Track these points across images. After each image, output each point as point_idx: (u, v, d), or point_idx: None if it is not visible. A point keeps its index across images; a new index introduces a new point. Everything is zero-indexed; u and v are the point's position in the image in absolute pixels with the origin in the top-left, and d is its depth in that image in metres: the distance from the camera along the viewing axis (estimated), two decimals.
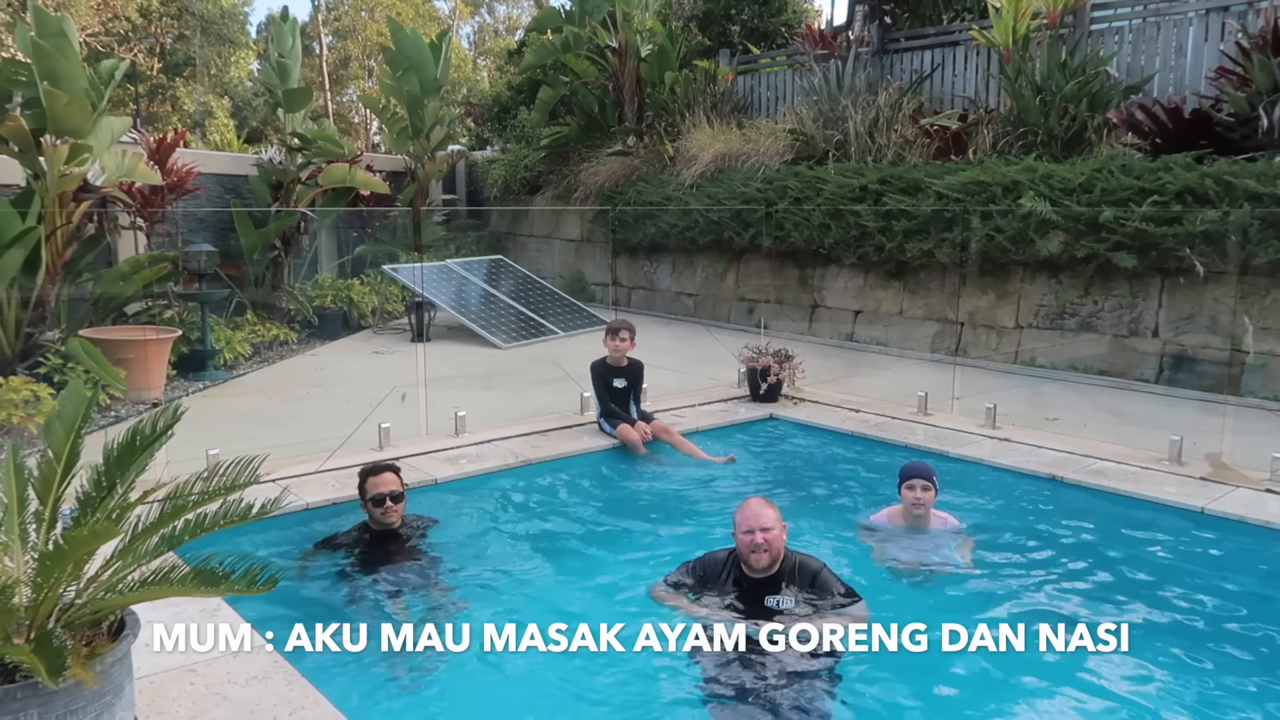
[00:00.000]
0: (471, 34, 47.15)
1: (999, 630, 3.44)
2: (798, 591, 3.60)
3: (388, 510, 4.40)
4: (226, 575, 2.43)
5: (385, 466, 4.54)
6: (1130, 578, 4.31)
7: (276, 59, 11.40)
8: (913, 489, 4.52)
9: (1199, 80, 8.79)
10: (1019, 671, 3.53)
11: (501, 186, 14.87)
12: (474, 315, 10.97)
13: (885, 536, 4.60)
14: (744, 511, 3.62)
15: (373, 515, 4.43)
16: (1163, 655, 3.64)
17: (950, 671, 3.50)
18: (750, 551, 3.57)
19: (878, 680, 3.43)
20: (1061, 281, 8.58)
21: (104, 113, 7.63)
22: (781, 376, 7.30)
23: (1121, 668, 3.55)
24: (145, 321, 8.66)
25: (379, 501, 4.39)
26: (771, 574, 3.61)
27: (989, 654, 3.53)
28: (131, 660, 2.65)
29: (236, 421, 7.02)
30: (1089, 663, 3.57)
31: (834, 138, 10.62)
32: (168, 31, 30.22)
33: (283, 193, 11.15)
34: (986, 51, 10.26)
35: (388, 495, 4.40)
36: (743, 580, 3.66)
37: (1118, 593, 4.16)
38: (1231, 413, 7.06)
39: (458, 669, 3.52)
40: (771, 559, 3.58)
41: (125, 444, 2.59)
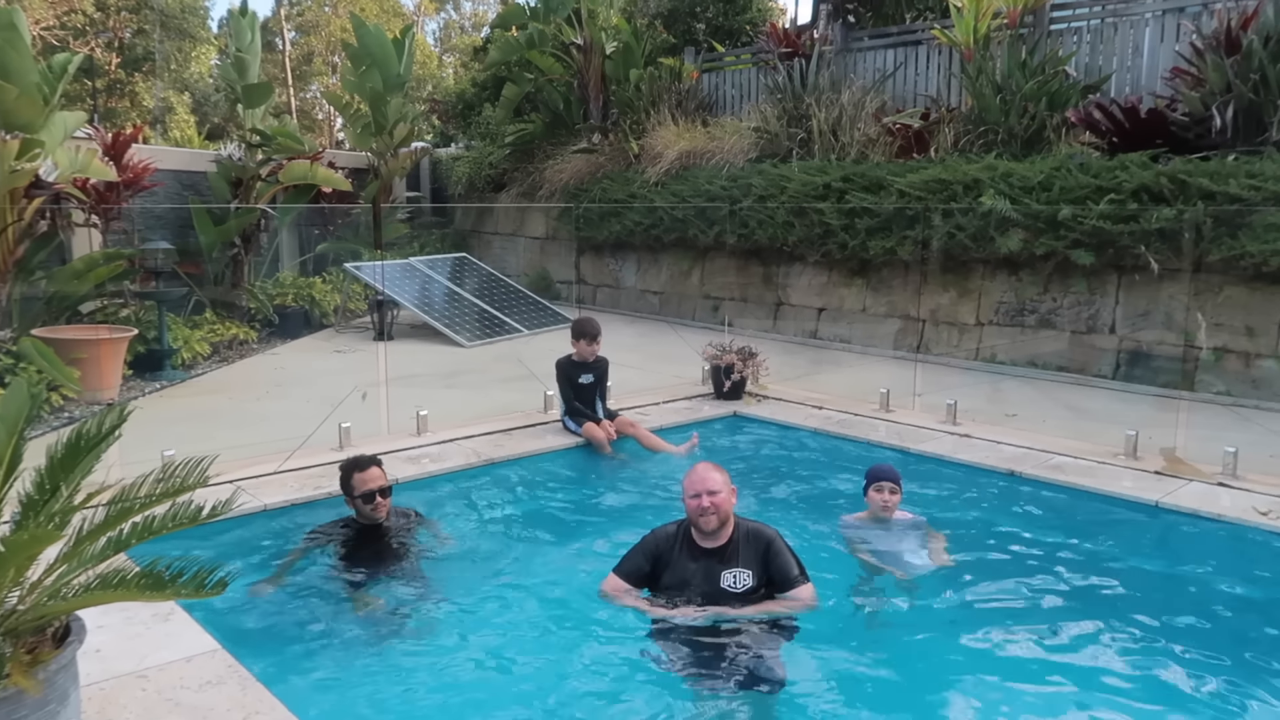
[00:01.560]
0: (437, 30, 46.90)
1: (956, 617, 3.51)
2: (753, 562, 3.60)
3: (378, 506, 4.30)
4: (175, 579, 2.38)
5: (370, 460, 4.39)
6: (1086, 570, 4.37)
7: (235, 54, 11.25)
8: (880, 491, 4.54)
9: (1155, 80, 8.93)
10: (974, 654, 3.58)
11: (466, 184, 14.78)
12: (437, 313, 10.89)
13: (861, 535, 4.61)
14: (691, 477, 3.64)
15: (361, 512, 4.33)
16: (1115, 646, 3.69)
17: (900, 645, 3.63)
18: (699, 515, 3.58)
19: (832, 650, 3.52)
20: (1021, 279, 8.68)
21: (57, 107, 7.48)
22: (745, 374, 7.31)
23: (1075, 657, 3.60)
24: (100, 321, 8.51)
25: (369, 498, 4.27)
26: (723, 543, 3.62)
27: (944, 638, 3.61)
28: (77, 667, 2.59)
29: (194, 422, 6.91)
30: (1044, 651, 3.63)
31: (798, 135, 10.67)
32: (126, 26, 29.67)
33: (243, 189, 11.00)
34: (948, 51, 10.35)
35: (377, 491, 4.29)
36: (696, 551, 3.65)
37: (1074, 585, 4.22)
38: (1186, 407, 7.19)
39: (419, 669, 3.50)
40: (720, 520, 3.59)
41: (70, 445, 2.53)
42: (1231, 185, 7.15)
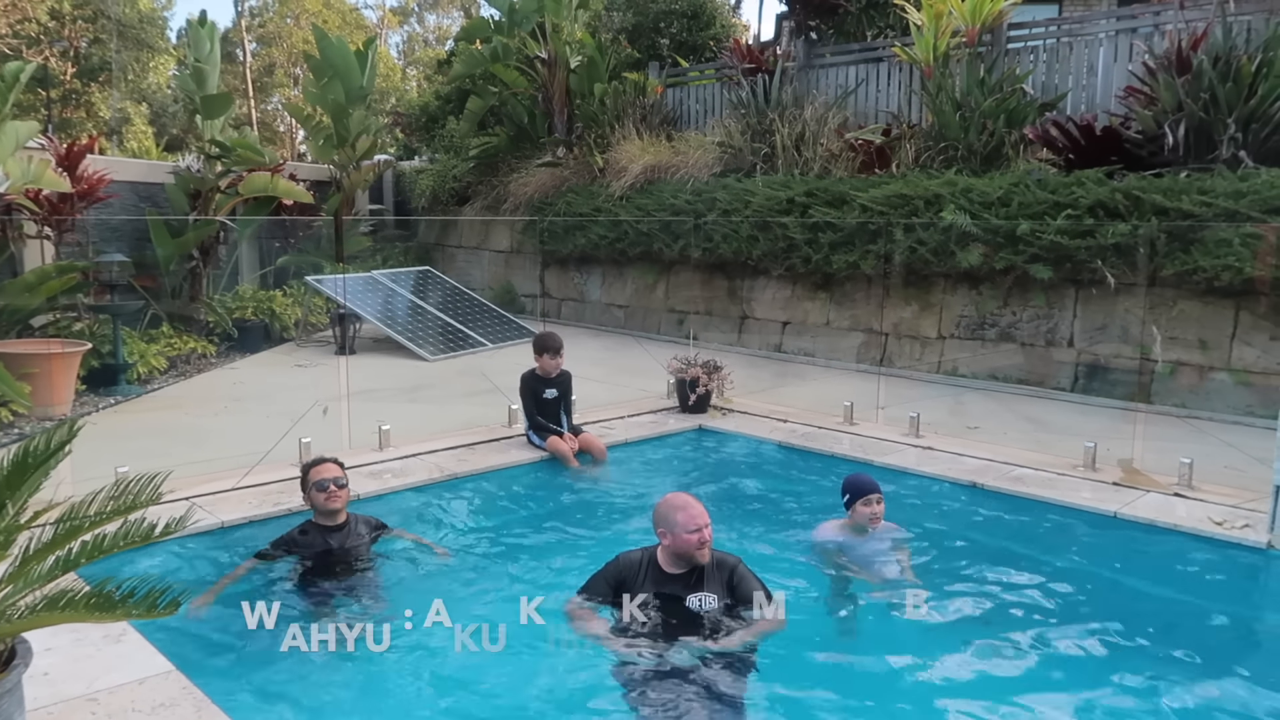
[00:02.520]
0: (400, 43, 46.71)
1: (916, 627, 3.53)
2: (720, 586, 3.63)
3: (331, 495, 4.33)
4: (126, 599, 2.32)
5: (328, 459, 4.50)
6: (1046, 580, 4.40)
7: (194, 64, 11.12)
8: (869, 504, 4.52)
9: (1109, 99, 9.11)
10: (933, 665, 3.59)
11: (430, 197, 14.69)
12: (400, 327, 10.79)
13: (836, 547, 4.61)
14: (689, 511, 3.64)
15: (317, 504, 4.35)
16: (1074, 655, 3.73)
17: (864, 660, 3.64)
18: (699, 548, 3.61)
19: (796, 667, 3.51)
20: (981, 293, 8.79)
21: (8, 117, 7.34)
22: (710, 387, 7.32)
23: (1034, 666, 3.63)
24: (53, 334, 8.32)
25: (323, 486, 4.32)
26: (688, 570, 3.65)
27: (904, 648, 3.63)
28: (23, 691, 2.51)
29: (150, 438, 6.77)
30: (1005, 660, 3.65)
31: (762, 150, 10.74)
32: (82, 35, 29.21)
33: (201, 201, 10.84)
34: (909, 68, 10.49)
35: (331, 481, 4.34)
36: (662, 578, 3.66)
37: (1034, 595, 4.25)
38: (1142, 420, 7.31)
39: (378, 689, 3.44)
40: (685, 553, 3.62)
41: (16, 462, 2.46)
42: (1184, 201, 7.30)
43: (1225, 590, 4.45)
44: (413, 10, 46.94)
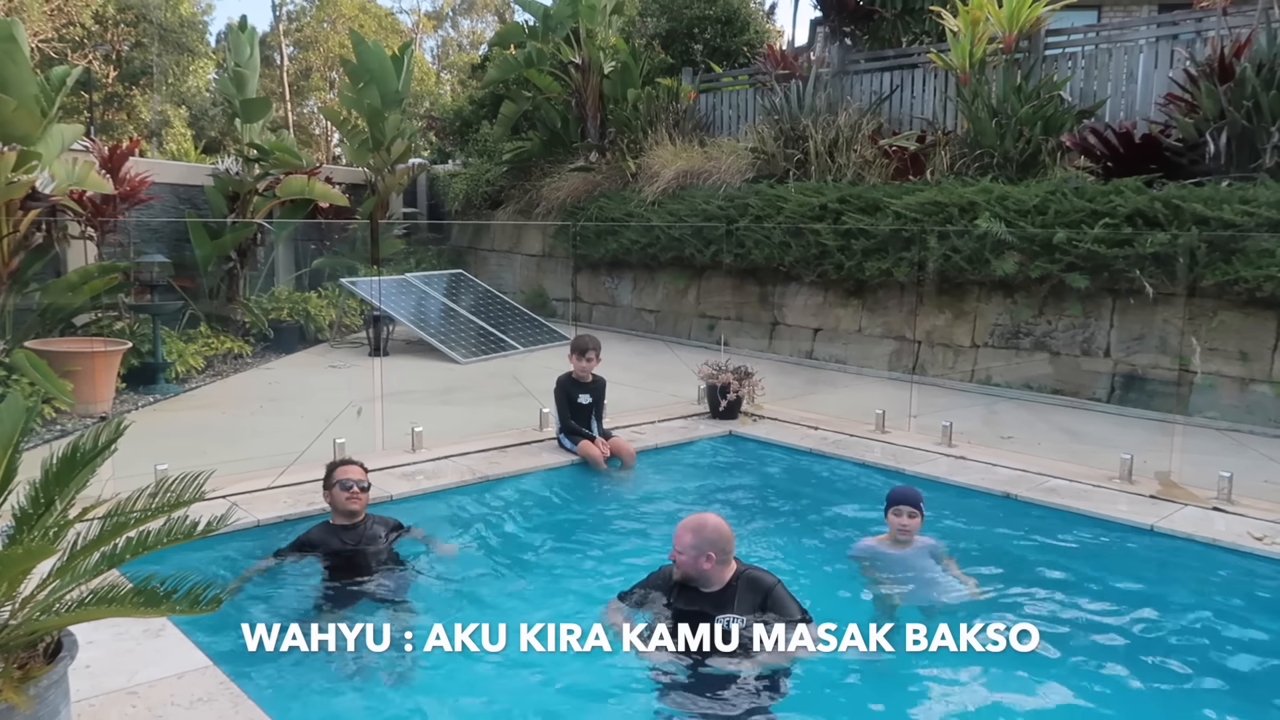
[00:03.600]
0: (435, 48, 47.10)
1: (956, 638, 3.50)
2: (750, 610, 3.49)
3: (353, 495, 4.40)
4: (169, 594, 2.36)
5: (355, 461, 4.59)
6: (1081, 595, 4.35)
7: (234, 68, 11.28)
8: (899, 515, 4.47)
9: (1149, 106, 9.00)
10: (968, 679, 3.56)
11: (463, 200, 14.80)
12: (433, 329, 10.88)
13: (875, 563, 4.57)
14: (676, 532, 3.60)
15: (337, 502, 4.42)
16: (1108, 670, 3.68)
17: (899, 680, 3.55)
18: (676, 568, 3.59)
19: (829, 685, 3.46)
20: (1016, 301, 8.71)
21: (54, 120, 7.49)
22: (741, 393, 7.31)
23: (1066, 680, 3.58)
24: (94, 333, 8.47)
25: (346, 486, 4.40)
26: (719, 588, 3.54)
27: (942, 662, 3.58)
28: (69, 683, 2.56)
29: (188, 436, 6.88)
30: (1034, 674, 3.61)
31: (794, 156, 10.72)
32: (124, 39, 29.74)
33: (239, 204, 11.00)
34: (944, 74, 10.42)
35: (355, 482, 4.42)
36: (692, 595, 3.59)
37: (1068, 609, 4.20)
38: (1180, 432, 7.20)
39: (408, 687, 3.47)
40: (683, 576, 3.56)
41: (65, 459, 2.51)
42: (1225, 211, 7.19)
43: (1267, 607, 4.37)
44: (447, 15, 47.35)
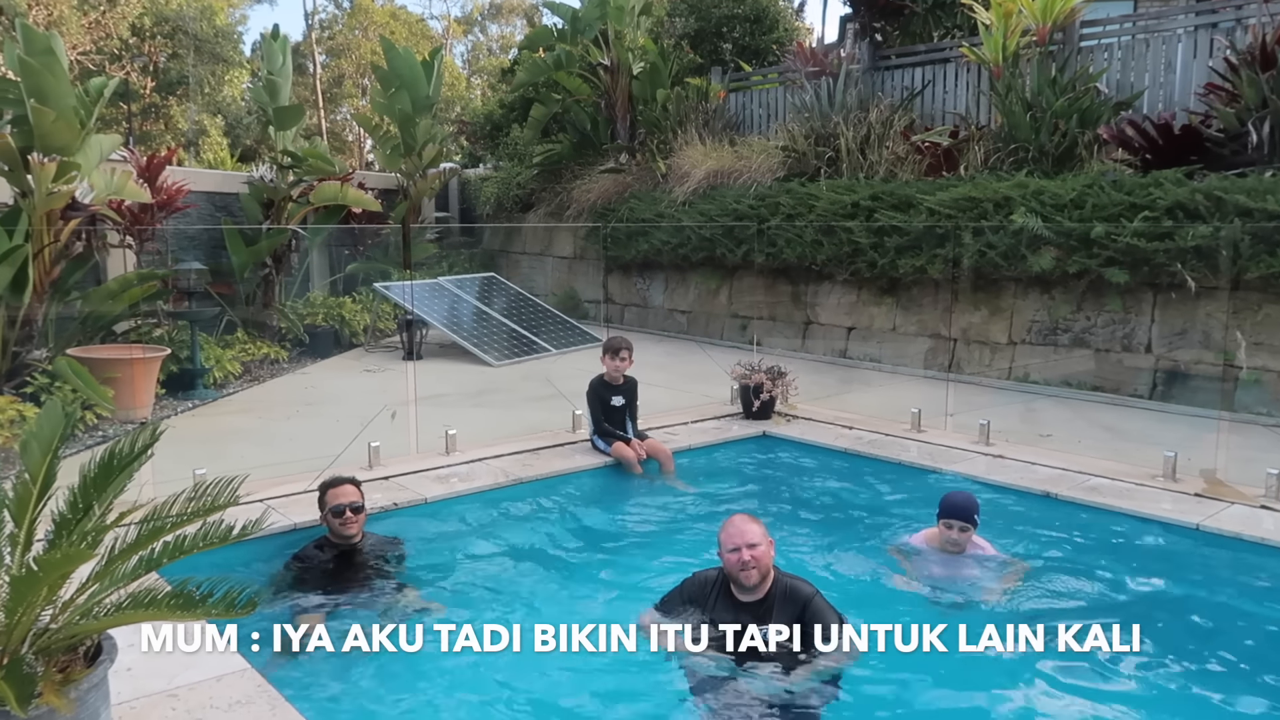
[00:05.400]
0: (465, 52, 47.38)
1: (995, 639, 3.44)
2: (789, 621, 3.39)
3: (346, 521, 4.38)
4: (205, 598, 2.38)
5: (345, 479, 4.53)
6: (1125, 595, 4.27)
7: (267, 77, 11.40)
8: (950, 528, 4.34)
9: (1188, 96, 8.82)
10: (1015, 682, 3.49)
11: (494, 204, 14.86)
12: (466, 333, 10.93)
13: (921, 559, 4.49)
14: (728, 529, 3.49)
15: (332, 527, 4.41)
16: (1156, 672, 3.60)
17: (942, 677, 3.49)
18: (740, 570, 3.43)
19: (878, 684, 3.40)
20: (1054, 297, 8.58)
21: (93, 130, 7.60)
22: (774, 394, 7.26)
23: (1116, 683, 3.51)
24: (134, 340, 8.60)
25: (338, 512, 4.37)
26: (760, 597, 3.47)
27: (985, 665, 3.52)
28: (109, 686, 2.59)
29: (225, 441, 6.96)
30: (1084, 675, 3.54)
31: (826, 154, 10.64)
32: (161, 50, 30.22)
33: (274, 210, 11.13)
34: (977, 68, 10.29)
35: (348, 506, 4.38)
36: (732, 603, 3.52)
37: (1113, 610, 4.12)
38: (1226, 428, 7.04)
39: (444, 690, 3.47)
40: (761, 575, 3.45)
41: (103, 464, 2.54)
42: (1269, 202, 7.03)
43: None
44: (477, 20, 47.63)
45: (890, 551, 4.67)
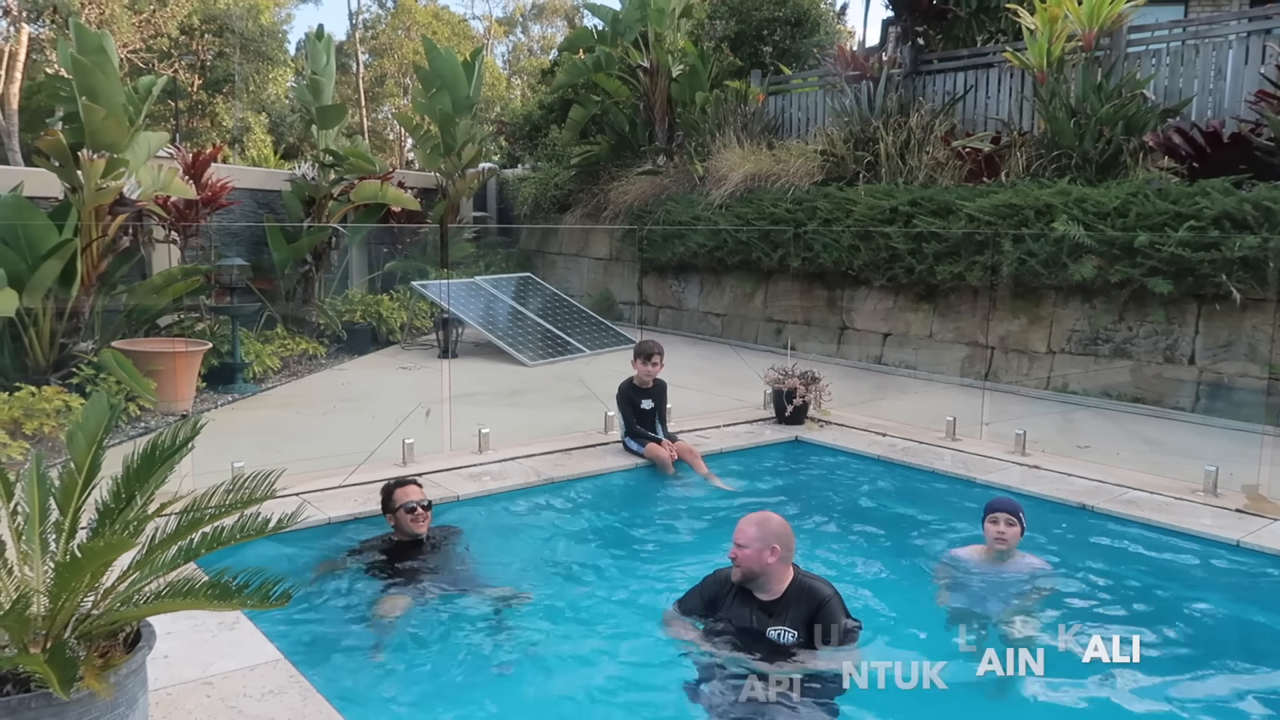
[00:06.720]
0: (506, 53, 47.64)
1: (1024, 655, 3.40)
2: (800, 622, 3.46)
3: (418, 517, 4.49)
4: (241, 589, 2.42)
5: (409, 480, 4.69)
6: (1163, 611, 4.20)
7: (311, 76, 11.55)
8: (995, 523, 4.37)
9: (1238, 104, 8.66)
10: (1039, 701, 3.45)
11: (532, 204, 14.94)
12: (501, 332, 11.00)
13: (962, 574, 4.45)
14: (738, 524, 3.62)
15: (403, 524, 4.50)
16: (1195, 689, 3.53)
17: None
18: (734, 566, 3.58)
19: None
20: (1095, 306, 8.46)
21: (141, 128, 7.75)
22: (808, 399, 7.23)
23: (1152, 702, 3.45)
24: (177, 334, 8.76)
25: (411, 509, 4.48)
26: (775, 597, 3.53)
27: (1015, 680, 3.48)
28: (146, 672, 2.64)
29: (263, 434, 7.07)
30: (1121, 696, 3.49)
31: (865, 159, 10.58)
32: (209, 49, 30.73)
33: (315, 208, 11.27)
34: (1020, 74, 10.17)
35: (418, 504, 4.51)
36: (748, 599, 3.58)
37: (1148, 625, 4.05)
38: (1270, 443, 6.89)
39: (473, 685, 3.51)
40: (744, 574, 3.53)
41: (145, 456, 2.59)
42: None
43: None
44: (518, 21, 47.90)
45: (936, 568, 4.63)
